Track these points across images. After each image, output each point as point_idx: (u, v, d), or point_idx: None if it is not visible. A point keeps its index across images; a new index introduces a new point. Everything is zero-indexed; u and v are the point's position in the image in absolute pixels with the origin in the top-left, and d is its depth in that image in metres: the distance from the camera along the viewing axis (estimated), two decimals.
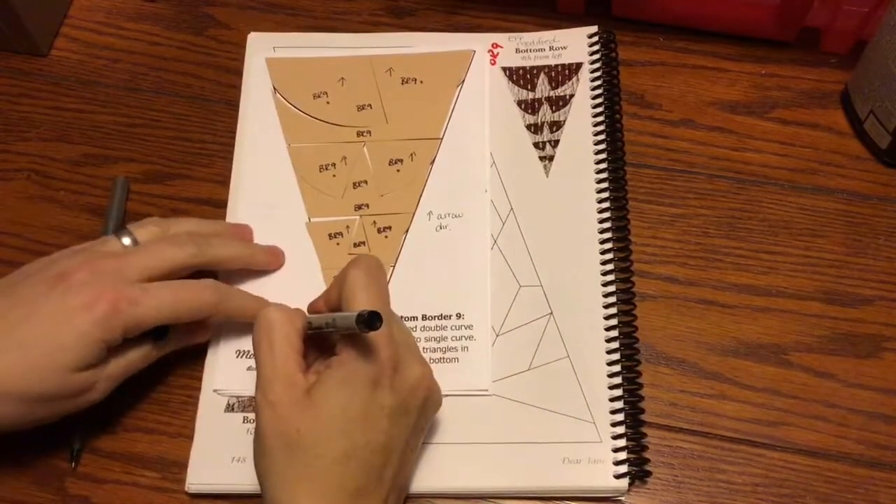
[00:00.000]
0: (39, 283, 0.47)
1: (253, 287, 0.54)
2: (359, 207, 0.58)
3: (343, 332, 0.44)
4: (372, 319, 0.42)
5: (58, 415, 0.48)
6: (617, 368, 0.52)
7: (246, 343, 0.54)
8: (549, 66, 0.62)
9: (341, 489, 0.42)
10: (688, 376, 0.53)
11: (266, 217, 0.57)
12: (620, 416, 0.51)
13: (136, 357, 0.49)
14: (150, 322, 0.48)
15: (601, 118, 0.59)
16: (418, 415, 0.46)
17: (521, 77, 0.62)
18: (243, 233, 0.56)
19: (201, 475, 0.51)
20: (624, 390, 0.52)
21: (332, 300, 0.48)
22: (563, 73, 0.61)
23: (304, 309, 0.50)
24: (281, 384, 0.44)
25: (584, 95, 0.60)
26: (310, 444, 0.42)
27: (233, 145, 0.60)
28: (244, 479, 0.50)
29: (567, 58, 0.62)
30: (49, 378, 0.45)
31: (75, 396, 0.47)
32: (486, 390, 0.52)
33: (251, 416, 0.52)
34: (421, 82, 0.62)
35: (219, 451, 0.51)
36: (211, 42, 0.65)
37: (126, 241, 0.51)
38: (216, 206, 0.59)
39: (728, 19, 0.62)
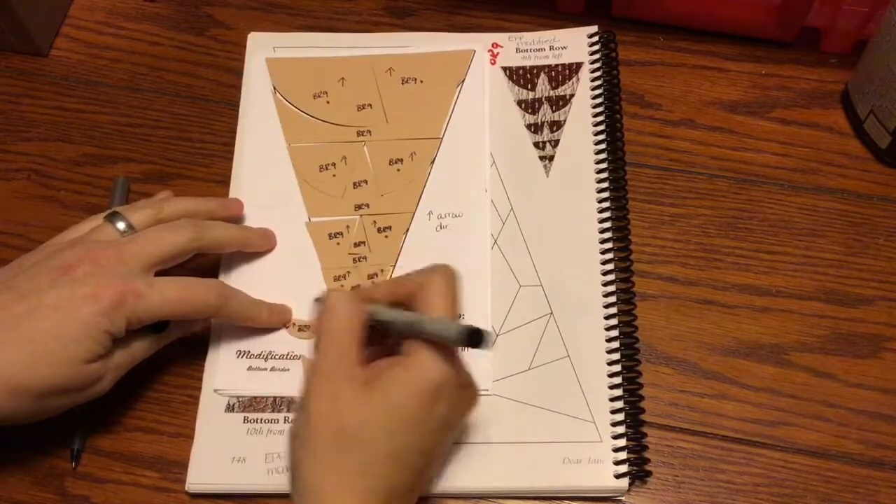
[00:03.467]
0: (41, 275, 0.47)
1: (254, 286, 0.54)
2: (359, 207, 0.58)
3: (425, 336, 0.43)
4: (480, 337, 0.40)
5: (67, 407, 0.48)
6: (617, 368, 0.52)
7: (246, 343, 0.54)
8: (549, 66, 0.62)
9: (387, 487, 0.42)
10: (688, 376, 0.53)
11: (266, 217, 0.57)
12: (620, 416, 0.51)
13: (139, 348, 0.50)
14: (153, 316, 0.48)
15: (601, 118, 0.59)
16: (461, 427, 0.48)
17: (521, 77, 0.62)
18: (235, 207, 0.57)
19: (201, 475, 0.51)
20: (624, 390, 0.52)
21: (399, 296, 0.46)
22: (564, 73, 0.61)
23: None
24: (342, 376, 0.43)
25: (584, 95, 0.60)
26: (367, 437, 0.42)
27: (233, 145, 0.60)
28: (244, 479, 0.50)
29: (567, 58, 0.62)
30: (61, 371, 0.46)
31: (86, 388, 0.47)
32: (487, 390, 0.52)
33: (251, 415, 0.52)
34: (421, 82, 0.62)
35: (219, 451, 0.51)
36: (211, 42, 0.65)
37: (121, 225, 0.51)
38: None
39: (728, 19, 0.62)
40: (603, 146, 0.58)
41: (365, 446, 0.42)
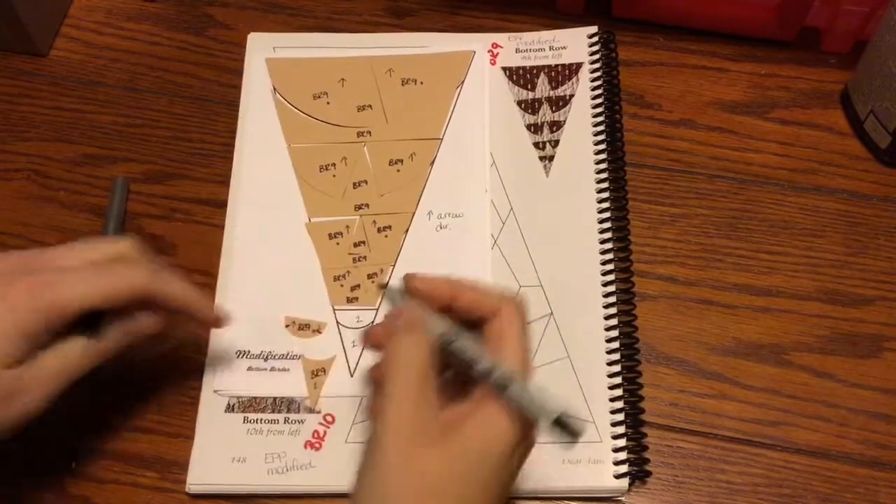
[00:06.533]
0: None
1: (253, 286, 0.54)
2: (359, 207, 0.58)
3: (509, 400, 0.41)
4: (574, 429, 0.40)
5: None
6: (617, 368, 0.52)
7: (246, 343, 0.54)
8: (549, 66, 0.62)
9: None
10: (688, 376, 0.53)
11: (266, 217, 0.57)
12: (620, 416, 0.51)
13: (70, 354, 0.45)
14: (72, 306, 0.43)
15: (601, 118, 0.59)
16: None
17: (521, 77, 0.62)
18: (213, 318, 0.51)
19: (201, 475, 0.51)
20: (624, 390, 0.52)
21: (462, 307, 0.45)
22: (563, 73, 0.61)
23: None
24: (418, 428, 0.41)
25: (584, 95, 0.60)
26: (446, 493, 0.40)
27: (233, 145, 0.60)
28: (244, 479, 0.50)
29: (567, 58, 0.62)
30: None
31: (6, 399, 0.43)
32: None
33: (251, 416, 0.52)
34: (421, 83, 0.62)
35: (219, 451, 0.51)
36: (211, 42, 0.65)
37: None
38: (216, 206, 0.59)
39: (728, 19, 0.62)
40: (603, 146, 0.58)
41: (441, 500, 0.40)
